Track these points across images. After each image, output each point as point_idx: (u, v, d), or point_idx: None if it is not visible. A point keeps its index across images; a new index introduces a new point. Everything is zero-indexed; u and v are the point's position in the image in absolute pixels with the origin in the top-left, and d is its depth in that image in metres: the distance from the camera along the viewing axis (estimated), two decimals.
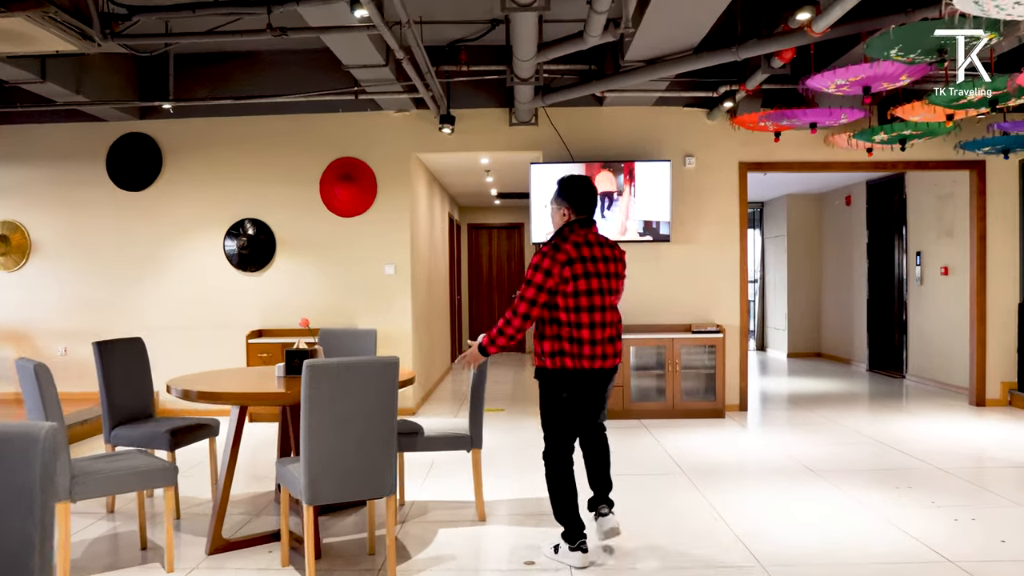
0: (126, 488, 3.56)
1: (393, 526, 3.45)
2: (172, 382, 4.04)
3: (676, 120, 7.58)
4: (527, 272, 3.53)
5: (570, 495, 3.65)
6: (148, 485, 3.62)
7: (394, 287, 7.66)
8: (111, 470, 3.56)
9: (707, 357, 7.33)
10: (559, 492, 3.65)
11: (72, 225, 7.90)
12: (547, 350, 3.57)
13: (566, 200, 3.66)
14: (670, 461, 5.63)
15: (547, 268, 3.49)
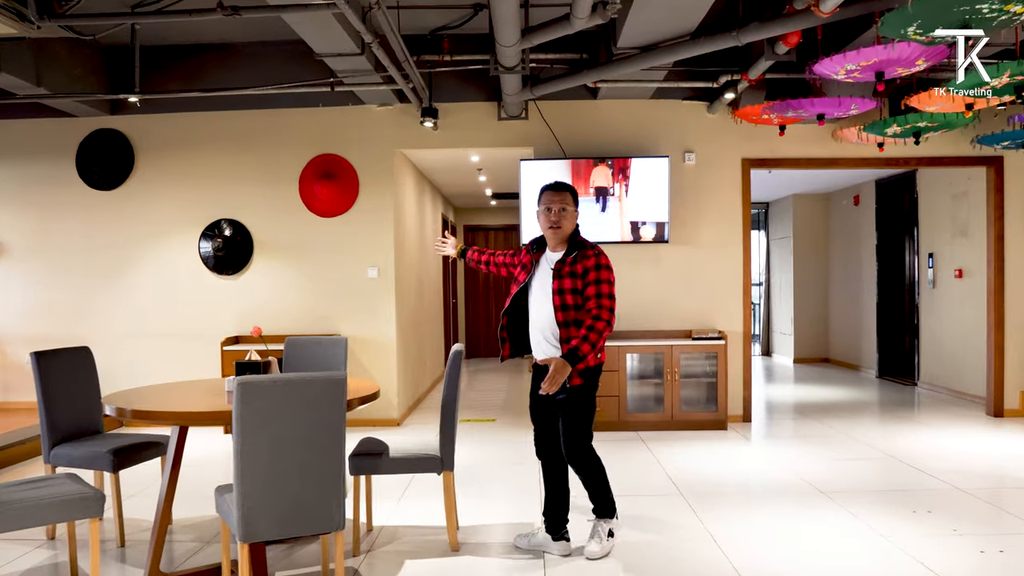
0: (42, 521, 3.15)
1: (342, 566, 3.03)
2: (108, 399, 3.64)
3: (675, 114, 7.16)
4: (603, 273, 3.65)
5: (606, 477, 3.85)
6: (68, 517, 3.20)
7: (378, 291, 7.25)
8: (28, 500, 3.15)
9: (708, 365, 6.90)
10: (603, 480, 3.82)
11: (40, 226, 7.51)
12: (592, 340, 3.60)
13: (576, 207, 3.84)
14: (666, 480, 5.21)
15: (612, 269, 3.75)
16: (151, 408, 3.43)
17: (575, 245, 3.72)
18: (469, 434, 6.83)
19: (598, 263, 3.65)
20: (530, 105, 7.12)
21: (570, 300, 3.64)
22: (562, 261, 3.69)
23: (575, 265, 3.66)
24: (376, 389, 3.94)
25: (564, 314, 3.63)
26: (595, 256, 3.67)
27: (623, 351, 6.78)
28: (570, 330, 3.62)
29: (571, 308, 3.63)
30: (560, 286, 3.65)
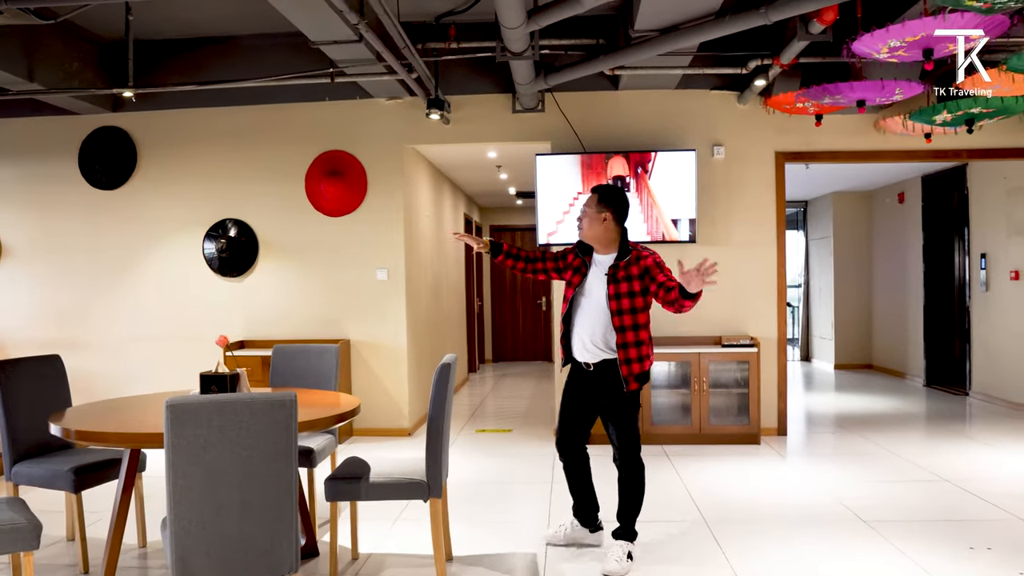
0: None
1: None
2: (54, 417, 3.30)
3: (702, 104, 6.66)
4: (666, 268, 3.66)
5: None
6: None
7: (387, 294, 6.86)
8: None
9: (739, 374, 6.40)
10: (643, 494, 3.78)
11: (43, 227, 7.26)
12: (647, 353, 3.65)
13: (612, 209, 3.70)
14: (689, 503, 4.73)
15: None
16: (97, 429, 3.07)
17: (628, 249, 3.66)
18: (481, 446, 6.42)
19: (657, 260, 3.64)
20: (547, 97, 6.68)
21: (627, 304, 3.58)
22: (615, 266, 3.63)
23: (630, 268, 3.61)
24: (355, 405, 3.54)
25: (620, 319, 3.58)
26: (651, 255, 3.65)
27: None
28: (626, 335, 3.57)
29: (627, 312, 3.59)
30: (616, 291, 3.59)
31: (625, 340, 3.58)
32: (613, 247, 3.70)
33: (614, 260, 3.65)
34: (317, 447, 4.14)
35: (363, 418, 6.87)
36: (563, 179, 6.52)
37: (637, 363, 3.62)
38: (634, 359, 3.62)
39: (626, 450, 3.71)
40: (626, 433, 3.71)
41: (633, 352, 3.60)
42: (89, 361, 7.17)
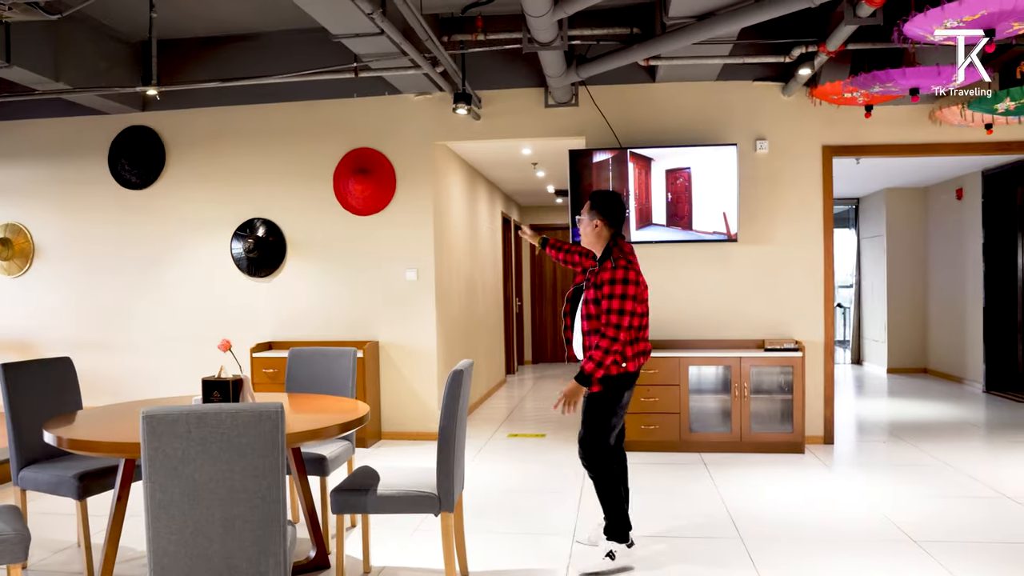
0: None
1: None
2: (49, 424, 3.17)
3: (744, 96, 6.34)
4: (607, 288, 3.56)
5: (620, 495, 3.78)
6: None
7: (417, 294, 6.69)
8: None
9: (783, 379, 6.08)
10: (615, 494, 3.73)
11: (75, 227, 7.27)
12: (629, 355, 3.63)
13: (602, 214, 3.76)
14: (725, 517, 4.44)
15: (635, 280, 3.61)
16: (88, 438, 2.93)
17: (604, 255, 3.72)
18: (512, 452, 6.20)
19: (612, 277, 3.58)
20: (580, 91, 6.43)
21: (593, 310, 3.62)
22: (592, 271, 3.73)
23: (596, 276, 3.65)
24: (363, 414, 3.36)
25: (588, 323, 3.63)
26: (611, 270, 3.60)
27: (685, 363, 6.02)
28: (591, 338, 3.61)
29: (594, 318, 3.62)
30: (587, 296, 3.67)
31: (589, 343, 3.64)
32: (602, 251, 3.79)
33: (595, 265, 3.76)
34: (330, 454, 3.96)
35: (392, 421, 6.70)
36: (600, 176, 6.26)
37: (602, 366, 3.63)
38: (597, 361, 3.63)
39: (583, 449, 3.74)
40: (588, 435, 3.72)
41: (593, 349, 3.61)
42: (117, 361, 7.15)
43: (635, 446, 6.08)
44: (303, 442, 3.00)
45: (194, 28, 6.65)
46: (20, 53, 5.68)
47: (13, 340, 7.35)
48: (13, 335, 7.36)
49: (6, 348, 7.32)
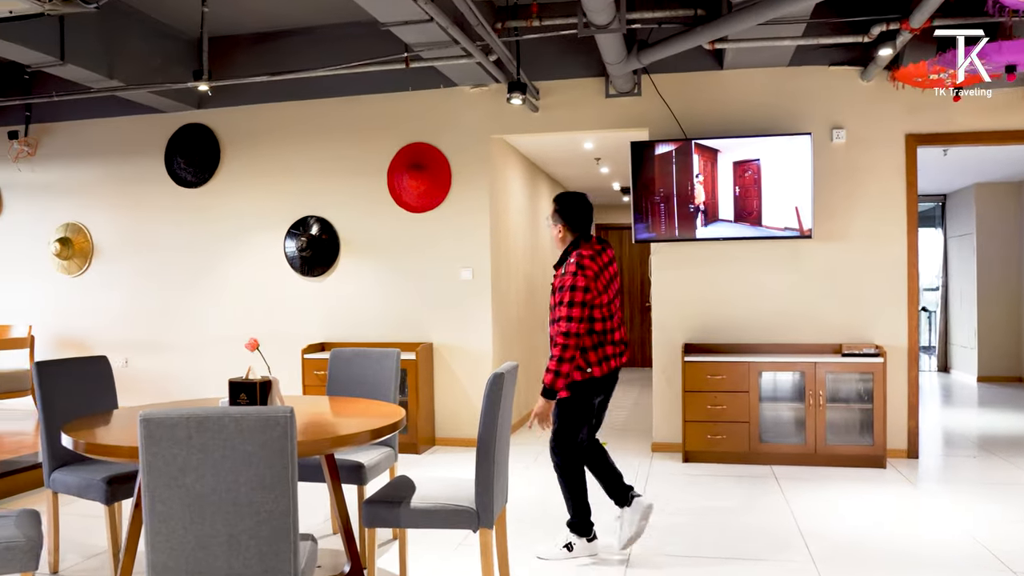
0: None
1: None
2: (68, 428, 3.03)
3: (819, 82, 5.91)
4: (566, 294, 3.52)
5: (585, 491, 3.77)
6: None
7: (472, 294, 6.45)
8: None
9: (862, 387, 5.64)
10: (579, 490, 3.75)
11: (132, 227, 7.27)
12: (592, 360, 3.61)
13: (563, 218, 3.74)
14: (797, 537, 4.06)
15: (584, 286, 3.53)
16: (106, 441, 2.76)
17: (561, 260, 3.70)
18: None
19: (561, 284, 3.58)
20: (643, 79, 6.10)
21: (553, 315, 3.64)
22: (555, 275, 3.71)
23: (558, 280, 3.64)
24: (397, 419, 3.12)
25: (554, 326, 3.61)
26: (560, 276, 3.61)
27: (755, 368, 5.63)
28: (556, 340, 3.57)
29: (554, 322, 3.63)
30: (551, 301, 3.68)
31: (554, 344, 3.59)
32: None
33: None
34: (369, 462, 3.74)
35: (446, 427, 6.48)
36: (663, 169, 5.93)
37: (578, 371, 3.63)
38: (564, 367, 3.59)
39: (553, 449, 3.73)
40: (559, 436, 3.71)
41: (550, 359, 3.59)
42: (169, 361, 7.13)
43: (701, 456, 5.72)
44: (326, 450, 2.78)
45: (248, 24, 6.57)
46: (74, 51, 5.67)
47: (71, 339, 7.40)
48: (71, 334, 7.41)
49: (65, 347, 7.38)
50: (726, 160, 5.80)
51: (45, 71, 5.88)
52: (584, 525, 3.78)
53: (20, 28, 5.26)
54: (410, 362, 6.15)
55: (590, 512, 3.79)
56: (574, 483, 3.74)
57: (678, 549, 3.92)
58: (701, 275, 6.09)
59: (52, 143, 7.47)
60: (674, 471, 5.53)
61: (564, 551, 3.75)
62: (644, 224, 6.01)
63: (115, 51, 6.03)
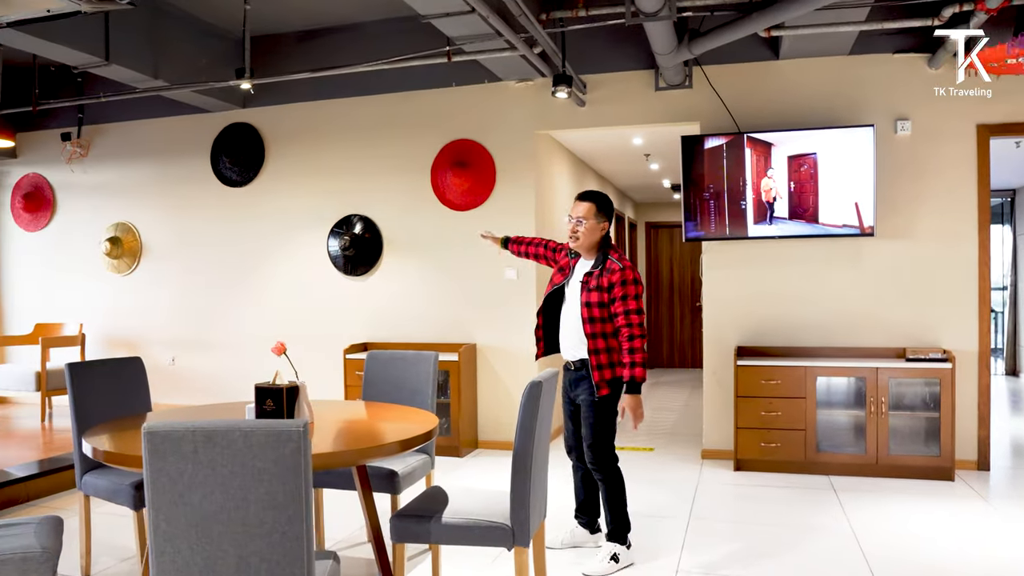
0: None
1: None
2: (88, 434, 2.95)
3: (883, 71, 5.59)
4: (630, 288, 3.58)
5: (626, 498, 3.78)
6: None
7: (517, 295, 6.28)
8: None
9: (928, 393, 5.32)
10: (623, 497, 3.75)
11: (179, 226, 7.29)
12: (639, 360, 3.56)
13: (607, 216, 3.78)
14: (857, 554, 3.80)
15: (640, 279, 3.66)
16: (125, 451, 2.67)
17: (602, 258, 3.68)
18: None
19: (623, 278, 3.60)
20: (694, 71, 5.86)
21: (597, 313, 3.61)
22: (589, 274, 3.67)
23: (600, 279, 3.62)
24: (429, 428, 2.96)
25: (591, 326, 3.61)
26: (620, 271, 3.61)
27: (811, 372, 5.35)
28: (597, 342, 3.60)
29: (598, 321, 3.62)
30: (588, 299, 3.63)
31: (596, 346, 3.61)
32: (594, 253, 3.74)
33: (590, 268, 3.69)
34: (402, 470, 3.60)
35: (489, 430, 6.33)
36: (713, 164, 5.68)
37: (608, 369, 3.62)
38: (605, 365, 3.62)
39: (598, 456, 3.69)
40: (598, 439, 3.68)
41: (604, 358, 3.61)
42: (216, 359, 7.13)
43: (753, 465, 5.47)
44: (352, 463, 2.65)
45: (292, 22, 6.51)
46: (119, 52, 5.67)
47: (120, 337, 7.45)
48: (120, 333, 7.46)
49: (114, 345, 7.43)
50: (780, 154, 5.53)
51: (93, 72, 5.88)
52: (625, 533, 3.76)
53: (66, 29, 5.27)
54: (452, 363, 6.01)
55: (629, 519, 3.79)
56: (620, 491, 3.74)
57: (728, 565, 3.70)
58: (754, 274, 5.82)
59: (104, 144, 7.53)
60: (725, 480, 5.28)
61: (612, 564, 3.66)
62: (694, 222, 5.77)
63: (160, 51, 6.01)
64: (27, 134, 7.81)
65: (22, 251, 7.92)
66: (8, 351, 7.93)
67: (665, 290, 12.27)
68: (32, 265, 7.88)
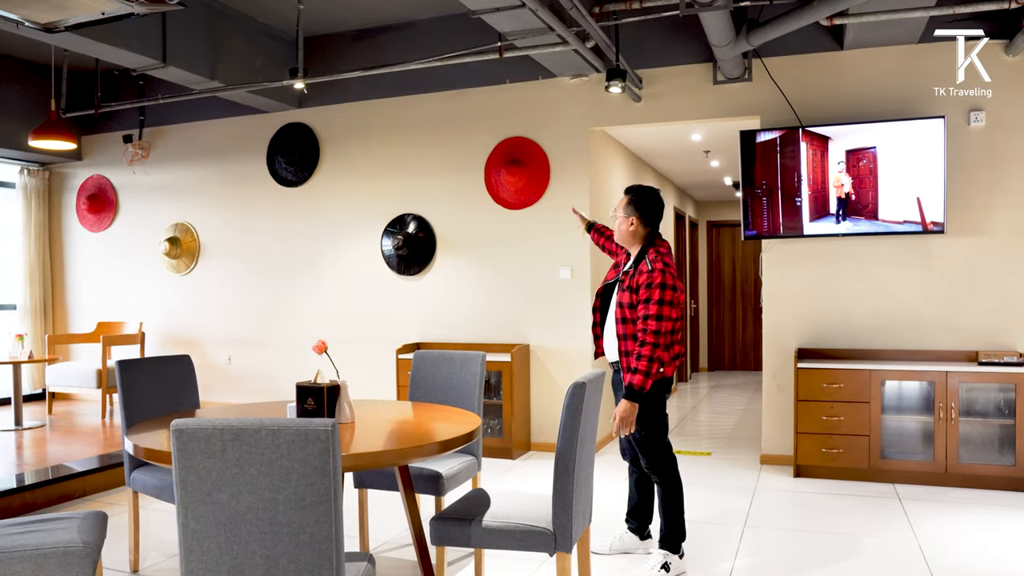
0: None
1: None
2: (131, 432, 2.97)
3: (954, 60, 5.32)
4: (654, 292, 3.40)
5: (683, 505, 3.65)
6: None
7: (571, 294, 6.18)
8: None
9: (1002, 399, 5.04)
10: (680, 502, 3.62)
11: (236, 226, 7.39)
12: (665, 359, 3.45)
13: (638, 210, 3.61)
14: (922, 566, 3.60)
15: (672, 284, 3.45)
16: (161, 448, 2.66)
17: (639, 257, 3.57)
18: None
19: (649, 281, 3.43)
20: (754, 64, 5.67)
21: (628, 314, 3.49)
22: (627, 272, 3.58)
23: (633, 279, 3.51)
24: (471, 429, 2.90)
25: (623, 327, 3.50)
26: (648, 272, 3.45)
27: (877, 376, 5.12)
28: (627, 343, 3.49)
29: (629, 321, 3.49)
30: (620, 299, 3.54)
31: (627, 348, 3.49)
32: (636, 250, 3.64)
33: (628, 266, 3.61)
34: (447, 472, 3.53)
35: (543, 432, 6.23)
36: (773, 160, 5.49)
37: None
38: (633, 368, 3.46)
39: (649, 458, 3.58)
40: (646, 439, 3.55)
41: (633, 361, 3.41)
42: (271, 358, 7.20)
43: (814, 471, 5.26)
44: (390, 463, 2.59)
45: (347, 21, 6.53)
46: (176, 54, 5.75)
47: (178, 336, 7.58)
48: (178, 332, 7.59)
49: (172, 343, 7.56)
50: (837, 148, 5.31)
51: (152, 75, 5.98)
52: (679, 542, 3.60)
53: (125, 33, 5.37)
54: (505, 364, 5.94)
55: (685, 528, 3.64)
56: (678, 495, 3.61)
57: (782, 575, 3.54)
58: (815, 273, 5.61)
59: (164, 145, 7.68)
60: (784, 487, 5.09)
61: (662, 573, 3.52)
62: (754, 220, 5.59)
63: (216, 53, 6.09)
64: (91, 137, 8.02)
65: (86, 251, 8.13)
66: (72, 349, 8.14)
67: (727, 291, 12.01)
68: (95, 265, 8.08)
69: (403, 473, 3.19)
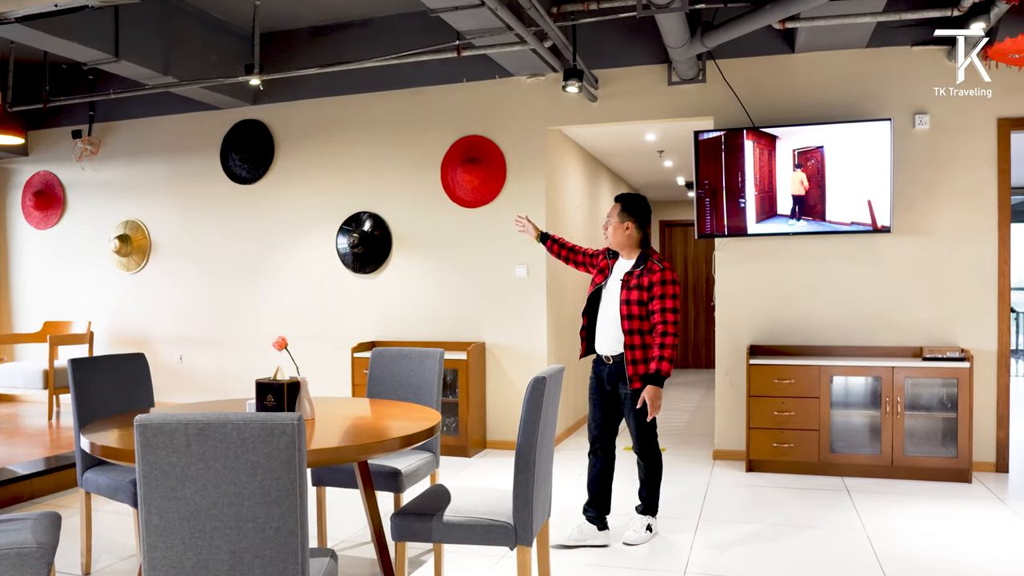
0: None
1: None
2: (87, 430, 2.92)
3: (900, 64, 5.49)
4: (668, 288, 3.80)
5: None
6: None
7: (527, 292, 6.22)
8: None
9: (945, 394, 5.21)
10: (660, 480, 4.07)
11: (188, 224, 7.27)
12: (668, 356, 3.76)
13: (632, 216, 3.94)
14: (871, 558, 3.71)
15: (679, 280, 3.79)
16: (120, 445, 2.62)
17: (643, 258, 3.90)
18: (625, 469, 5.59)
19: (663, 278, 3.81)
20: (708, 65, 5.77)
21: (636, 311, 3.81)
22: (630, 273, 3.88)
23: (641, 278, 3.84)
24: (431, 424, 2.90)
25: (629, 323, 3.81)
26: (660, 271, 3.82)
27: (826, 372, 5.26)
28: (633, 338, 3.80)
29: (636, 318, 3.81)
30: (627, 297, 3.83)
31: (632, 342, 3.80)
32: (634, 253, 3.95)
33: (631, 267, 3.90)
34: (406, 468, 3.54)
35: (498, 430, 6.26)
36: (725, 160, 5.59)
37: (643, 364, 3.80)
38: (640, 360, 3.80)
39: (643, 442, 3.95)
40: (642, 429, 3.91)
41: (639, 353, 3.80)
42: (224, 357, 7.11)
43: (765, 466, 5.38)
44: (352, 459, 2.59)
45: (305, 17, 6.48)
46: (129, 48, 5.65)
47: (128, 335, 7.44)
48: (128, 331, 7.45)
49: (122, 343, 7.42)
50: (785, 148, 5.44)
51: (103, 69, 5.87)
52: (656, 509, 4.08)
53: (76, 25, 5.25)
54: (461, 362, 5.95)
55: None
56: (660, 471, 4.03)
57: (737, 567, 3.61)
58: (767, 272, 5.73)
59: (114, 141, 7.53)
60: (736, 481, 5.20)
61: (647, 533, 3.99)
62: (706, 219, 5.69)
63: (171, 48, 5.99)
64: (38, 132, 7.82)
65: (32, 249, 7.93)
66: (17, 349, 7.94)
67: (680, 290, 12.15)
68: (42, 263, 7.88)
69: (363, 469, 3.19)
